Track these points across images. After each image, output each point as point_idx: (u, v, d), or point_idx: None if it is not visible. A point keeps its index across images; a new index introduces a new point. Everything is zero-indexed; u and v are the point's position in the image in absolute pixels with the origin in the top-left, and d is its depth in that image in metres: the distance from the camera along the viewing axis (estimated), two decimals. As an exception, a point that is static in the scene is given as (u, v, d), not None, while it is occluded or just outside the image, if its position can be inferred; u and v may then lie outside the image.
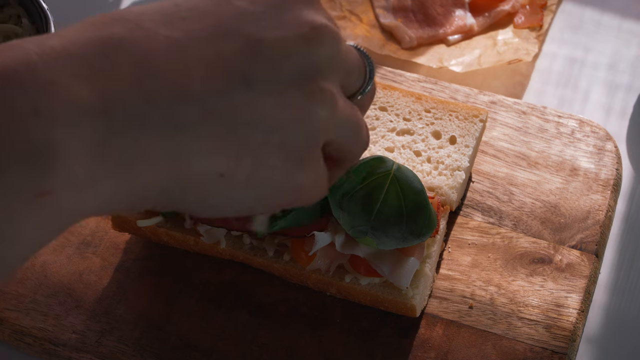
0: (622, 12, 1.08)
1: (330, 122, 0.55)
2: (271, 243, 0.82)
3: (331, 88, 0.54)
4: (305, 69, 0.53)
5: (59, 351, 0.81)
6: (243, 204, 0.54)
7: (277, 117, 0.52)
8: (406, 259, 0.78)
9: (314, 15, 0.54)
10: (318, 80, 0.53)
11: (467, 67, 1.00)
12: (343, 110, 0.56)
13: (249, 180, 0.53)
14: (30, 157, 0.44)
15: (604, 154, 0.91)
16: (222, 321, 0.82)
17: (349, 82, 0.58)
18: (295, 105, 0.52)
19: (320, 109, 0.53)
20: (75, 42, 0.47)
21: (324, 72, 0.54)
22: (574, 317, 0.80)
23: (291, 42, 0.52)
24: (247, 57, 0.51)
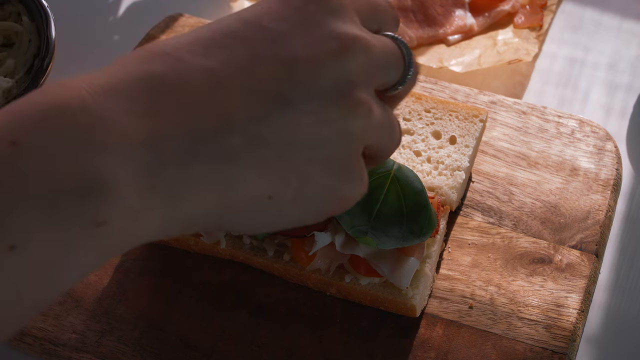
0: (622, 12, 1.08)
1: (368, 130, 0.56)
2: (271, 243, 0.82)
3: (366, 97, 0.55)
4: (339, 84, 0.53)
5: (59, 351, 0.81)
6: (291, 219, 0.56)
7: (318, 134, 0.53)
8: (406, 259, 0.78)
9: (341, 26, 0.55)
10: (353, 93, 0.54)
11: (467, 67, 1.00)
12: (379, 116, 0.57)
13: (297, 199, 0.54)
14: (85, 188, 0.45)
15: (604, 154, 0.91)
16: (222, 321, 0.82)
17: (386, 79, 0.59)
18: (334, 121, 0.53)
19: (358, 120, 0.54)
20: (122, 79, 0.49)
21: (359, 82, 0.54)
22: (574, 317, 0.80)
23: (323, 59, 0.53)
24: (282, 79, 0.52)
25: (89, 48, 1.11)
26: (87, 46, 1.11)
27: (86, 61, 1.09)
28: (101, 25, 1.14)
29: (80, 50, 1.10)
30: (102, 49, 1.11)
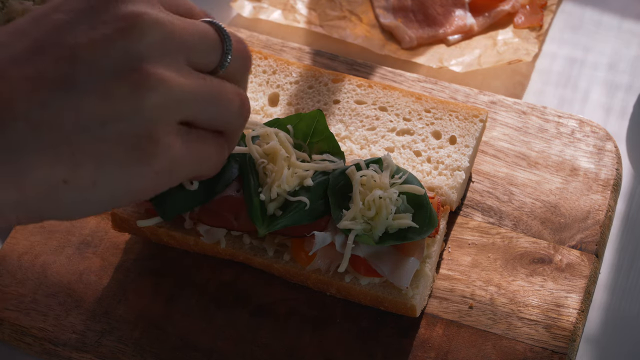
0: (622, 12, 1.08)
1: (170, 103, 0.55)
2: (271, 243, 0.82)
3: (162, 71, 0.55)
4: (126, 61, 0.53)
5: (59, 351, 0.81)
6: (102, 203, 0.56)
7: (104, 113, 0.53)
8: (406, 259, 0.78)
9: (130, 6, 0.55)
10: (144, 68, 0.54)
11: (467, 67, 1.00)
12: (187, 87, 0.56)
13: (98, 181, 0.54)
14: None
15: (604, 154, 0.91)
16: (222, 321, 0.82)
17: (199, 58, 0.59)
18: (121, 97, 0.53)
19: (151, 94, 0.54)
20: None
21: (150, 58, 0.54)
22: (574, 317, 0.80)
23: (108, 39, 0.53)
24: (64, 63, 0.52)
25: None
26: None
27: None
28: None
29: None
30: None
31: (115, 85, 0.53)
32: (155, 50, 0.55)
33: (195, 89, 0.57)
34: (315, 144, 0.82)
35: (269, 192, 0.78)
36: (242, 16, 1.08)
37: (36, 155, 0.51)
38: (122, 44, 0.54)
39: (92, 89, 0.52)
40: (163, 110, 0.55)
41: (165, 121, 0.56)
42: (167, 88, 0.55)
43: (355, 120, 0.90)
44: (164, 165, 0.56)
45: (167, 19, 0.56)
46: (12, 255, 0.86)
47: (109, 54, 0.53)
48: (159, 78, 0.54)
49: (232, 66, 0.61)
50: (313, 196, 0.78)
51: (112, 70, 0.53)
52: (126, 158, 0.54)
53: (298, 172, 0.79)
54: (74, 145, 0.52)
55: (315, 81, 0.93)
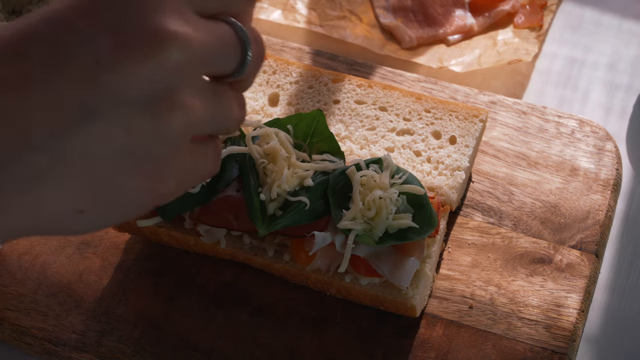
0: (622, 12, 1.08)
1: (186, 128, 0.53)
2: (271, 243, 0.82)
3: (183, 97, 0.52)
4: (150, 88, 0.50)
5: (59, 351, 0.81)
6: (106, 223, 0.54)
7: (127, 144, 0.50)
8: (406, 259, 0.78)
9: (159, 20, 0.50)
10: (167, 95, 0.51)
11: (467, 67, 1.00)
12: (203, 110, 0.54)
13: (109, 207, 0.52)
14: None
15: (604, 154, 0.91)
16: (222, 321, 0.82)
17: (218, 68, 0.56)
18: (145, 128, 0.50)
19: (172, 123, 0.51)
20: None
21: (174, 83, 0.51)
22: (574, 317, 0.80)
23: (132, 61, 0.49)
24: (85, 88, 0.48)
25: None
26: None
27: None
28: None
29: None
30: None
31: (140, 116, 0.50)
32: (179, 74, 0.51)
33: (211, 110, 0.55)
34: (315, 144, 0.82)
35: (269, 192, 0.78)
36: (242, 16, 1.08)
37: (53, 187, 0.49)
38: (148, 67, 0.49)
39: (115, 119, 0.49)
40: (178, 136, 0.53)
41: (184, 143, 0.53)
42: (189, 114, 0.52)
43: (355, 120, 0.90)
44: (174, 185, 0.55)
45: (194, 36, 0.52)
46: (12, 255, 0.86)
47: (132, 80, 0.49)
48: (183, 107, 0.52)
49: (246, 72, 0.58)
50: (313, 196, 0.78)
51: (136, 99, 0.50)
52: (140, 184, 0.52)
53: (298, 172, 0.79)
54: (92, 176, 0.50)
55: (315, 81, 0.93)
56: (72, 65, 0.48)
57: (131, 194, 0.52)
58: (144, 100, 0.50)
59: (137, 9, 0.50)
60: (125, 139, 0.50)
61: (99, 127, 0.49)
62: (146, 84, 0.50)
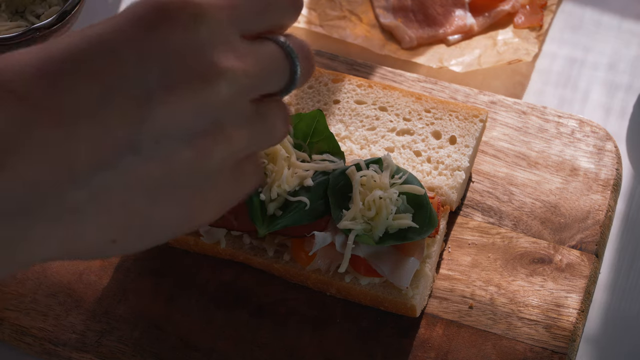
0: (622, 12, 1.08)
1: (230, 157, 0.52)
2: (271, 243, 0.82)
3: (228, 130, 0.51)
4: (196, 124, 0.49)
5: (59, 351, 0.81)
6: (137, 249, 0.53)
7: (166, 178, 0.49)
8: (406, 259, 0.78)
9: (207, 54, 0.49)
10: (212, 130, 0.50)
11: (467, 67, 1.00)
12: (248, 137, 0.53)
13: (142, 236, 0.52)
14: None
15: (604, 154, 0.91)
16: (222, 321, 0.82)
17: (268, 89, 0.54)
18: (183, 161, 0.49)
19: (215, 154, 0.50)
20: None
21: (220, 118, 0.50)
22: (574, 317, 0.80)
23: (181, 98, 0.48)
24: (133, 123, 0.47)
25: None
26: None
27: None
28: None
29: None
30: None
31: (184, 151, 0.49)
32: (227, 108, 0.50)
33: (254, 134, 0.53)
34: (315, 144, 0.82)
35: (269, 192, 0.78)
36: (242, 16, 1.08)
37: (90, 220, 0.48)
38: (196, 103, 0.48)
39: (158, 154, 0.48)
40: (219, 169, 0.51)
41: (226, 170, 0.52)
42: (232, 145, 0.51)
43: (355, 120, 0.90)
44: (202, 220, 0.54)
45: (242, 68, 0.50)
46: (12, 255, 0.86)
47: (179, 117, 0.48)
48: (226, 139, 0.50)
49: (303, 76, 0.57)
50: (313, 196, 0.78)
51: (180, 135, 0.48)
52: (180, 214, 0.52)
53: (298, 172, 0.79)
54: (127, 208, 0.49)
55: (315, 81, 0.93)
56: (122, 101, 0.47)
57: (165, 223, 0.52)
58: (187, 134, 0.49)
59: (186, 40, 0.49)
60: (163, 172, 0.49)
61: (140, 163, 0.48)
62: (192, 120, 0.49)
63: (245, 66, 0.51)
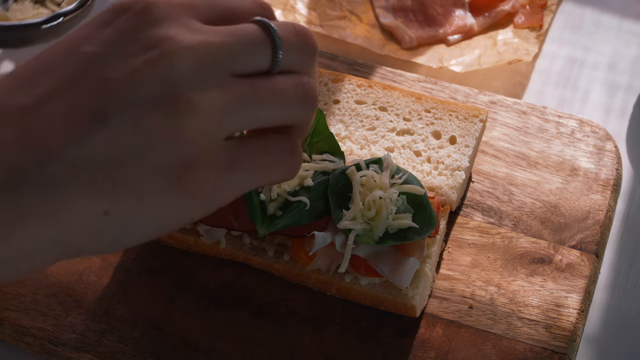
0: (622, 12, 1.08)
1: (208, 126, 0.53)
2: (271, 243, 0.82)
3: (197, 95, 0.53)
4: (158, 91, 0.52)
5: (59, 351, 0.81)
6: (141, 232, 0.55)
7: (139, 145, 0.52)
8: (406, 259, 0.78)
9: (159, 32, 0.53)
10: (177, 95, 0.52)
11: (467, 67, 1.00)
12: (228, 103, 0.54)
13: (139, 210, 0.53)
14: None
15: (604, 154, 0.91)
16: (222, 321, 0.82)
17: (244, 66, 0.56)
18: (156, 128, 0.52)
19: (189, 120, 0.52)
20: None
21: (184, 85, 0.53)
22: (574, 317, 0.81)
23: (138, 71, 0.52)
24: (98, 97, 0.52)
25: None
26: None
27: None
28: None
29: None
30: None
31: (150, 115, 0.52)
32: (189, 76, 0.53)
33: (240, 100, 0.55)
34: (315, 144, 0.82)
35: (269, 192, 0.78)
36: (242, 16, 1.08)
37: (74, 191, 0.51)
38: (153, 74, 0.52)
39: (125, 121, 0.52)
40: (203, 134, 0.53)
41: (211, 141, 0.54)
42: (204, 112, 0.53)
43: (355, 120, 0.90)
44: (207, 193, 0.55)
45: (199, 40, 0.54)
46: (12, 255, 0.86)
47: (140, 85, 0.52)
48: (194, 103, 0.53)
49: (288, 60, 0.58)
50: (313, 196, 0.78)
51: (146, 102, 0.52)
52: (165, 188, 0.53)
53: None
54: (112, 178, 0.52)
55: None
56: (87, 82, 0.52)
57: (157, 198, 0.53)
58: (151, 101, 0.52)
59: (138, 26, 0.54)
60: (136, 140, 0.52)
61: (111, 131, 0.51)
62: (153, 86, 0.52)
63: (203, 39, 0.54)
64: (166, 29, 0.54)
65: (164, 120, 0.52)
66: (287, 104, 0.57)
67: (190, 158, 0.53)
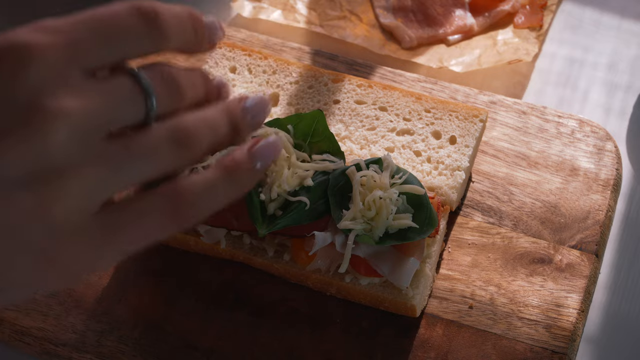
0: (621, 12, 1.08)
1: (85, 201, 0.50)
2: (271, 243, 0.82)
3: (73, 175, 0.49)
4: (31, 168, 0.48)
5: (59, 351, 0.81)
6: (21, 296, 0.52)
7: (7, 226, 0.48)
8: (406, 259, 0.78)
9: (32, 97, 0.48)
10: (53, 174, 0.48)
11: (467, 67, 1.00)
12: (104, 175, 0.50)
13: (4, 285, 0.50)
14: None
15: (604, 154, 0.91)
16: (222, 321, 0.82)
17: (121, 122, 0.52)
18: (25, 209, 0.48)
19: (61, 202, 0.49)
20: None
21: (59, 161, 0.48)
22: (574, 317, 0.81)
23: (11, 147, 0.47)
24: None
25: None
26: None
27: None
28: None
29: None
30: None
31: (18, 195, 0.48)
32: (64, 151, 0.48)
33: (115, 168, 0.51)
34: (315, 144, 0.82)
35: (269, 192, 0.78)
36: (242, 16, 1.08)
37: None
38: (26, 150, 0.47)
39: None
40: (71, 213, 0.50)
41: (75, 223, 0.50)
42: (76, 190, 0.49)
43: (355, 120, 0.90)
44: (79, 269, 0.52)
45: (77, 107, 0.49)
46: (12, 255, 0.86)
47: (12, 163, 0.47)
48: (67, 183, 0.49)
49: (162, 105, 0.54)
50: (313, 196, 0.78)
51: (17, 179, 0.48)
52: (34, 266, 0.50)
53: (298, 172, 0.79)
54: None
55: (315, 81, 0.93)
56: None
57: (23, 277, 0.50)
58: (25, 179, 0.48)
59: (13, 84, 0.48)
60: (4, 221, 0.48)
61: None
62: (26, 165, 0.48)
63: (82, 105, 0.49)
64: (45, 95, 0.48)
65: (34, 200, 0.48)
66: (163, 157, 0.54)
67: (60, 235, 0.50)
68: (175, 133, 0.54)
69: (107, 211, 0.52)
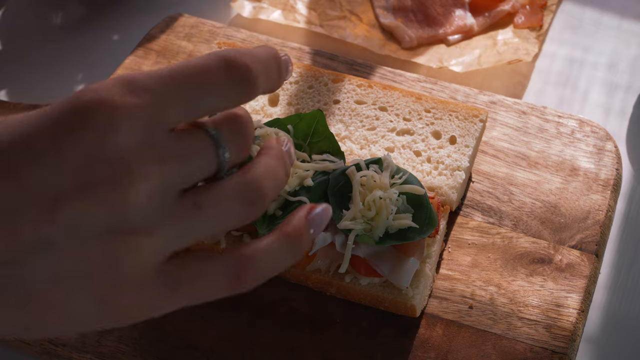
0: (621, 12, 1.08)
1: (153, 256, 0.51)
2: (271, 243, 0.82)
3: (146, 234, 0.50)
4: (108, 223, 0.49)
5: (59, 351, 0.81)
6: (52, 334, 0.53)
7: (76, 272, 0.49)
8: (406, 259, 0.78)
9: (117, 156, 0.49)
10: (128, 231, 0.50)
11: (467, 67, 1.01)
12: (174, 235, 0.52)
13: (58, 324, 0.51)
14: None
15: (604, 154, 0.91)
16: (222, 321, 0.82)
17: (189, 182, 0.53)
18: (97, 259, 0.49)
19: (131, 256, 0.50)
20: None
21: (136, 220, 0.50)
22: (574, 317, 0.81)
23: (91, 201, 0.48)
24: (43, 222, 0.48)
25: (89, 49, 1.11)
26: (87, 47, 1.11)
27: (87, 61, 1.09)
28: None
29: (81, 51, 1.11)
30: (103, 49, 1.11)
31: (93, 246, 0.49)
32: (142, 211, 0.50)
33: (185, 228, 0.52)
34: (315, 144, 0.82)
35: (269, 192, 0.78)
36: (242, 16, 1.08)
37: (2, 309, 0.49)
38: (106, 206, 0.49)
39: (69, 248, 0.49)
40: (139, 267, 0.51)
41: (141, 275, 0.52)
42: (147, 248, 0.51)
43: (355, 120, 0.90)
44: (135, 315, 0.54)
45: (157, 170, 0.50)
46: (12, 255, 0.86)
47: (91, 216, 0.49)
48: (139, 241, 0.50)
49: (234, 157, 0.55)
50: (313, 196, 0.78)
51: (93, 231, 0.49)
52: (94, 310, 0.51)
53: (298, 172, 0.79)
54: (42, 301, 0.49)
55: (315, 81, 0.93)
56: (34, 202, 0.48)
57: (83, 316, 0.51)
58: (100, 231, 0.49)
59: (101, 144, 0.49)
60: (76, 266, 0.49)
61: (51, 257, 0.49)
62: (106, 219, 0.49)
63: (164, 169, 0.51)
64: (127, 155, 0.49)
65: (107, 251, 0.49)
66: (233, 216, 0.55)
67: (125, 286, 0.51)
68: (246, 192, 0.55)
69: (174, 265, 0.53)
